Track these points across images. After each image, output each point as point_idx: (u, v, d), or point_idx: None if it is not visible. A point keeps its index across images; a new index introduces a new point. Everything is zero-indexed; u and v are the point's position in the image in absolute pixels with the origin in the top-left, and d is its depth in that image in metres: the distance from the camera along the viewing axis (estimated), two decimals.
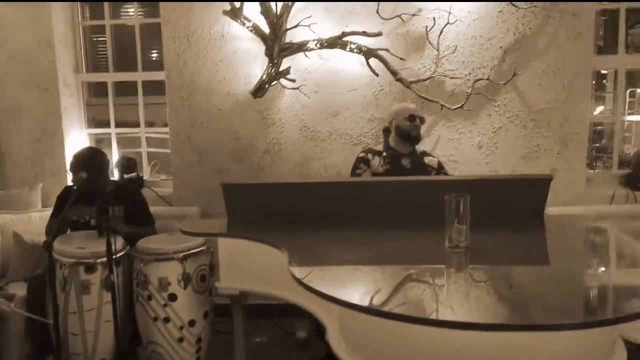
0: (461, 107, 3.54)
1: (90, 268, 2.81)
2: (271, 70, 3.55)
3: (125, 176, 3.86)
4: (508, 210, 2.43)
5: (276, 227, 2.49)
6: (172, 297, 2.84)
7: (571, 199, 3.59)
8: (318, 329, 3.47)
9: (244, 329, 2.83)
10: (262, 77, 3.57)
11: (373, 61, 3.53)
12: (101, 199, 2.62)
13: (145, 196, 3.50)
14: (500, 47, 3.56)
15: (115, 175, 3.93)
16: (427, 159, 3.21)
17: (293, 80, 3.60)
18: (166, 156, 4.10)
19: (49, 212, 3.42)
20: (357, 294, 1.75)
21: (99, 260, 2.80)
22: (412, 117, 3.14)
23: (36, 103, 3.90)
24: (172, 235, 3.17)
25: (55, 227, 2.60)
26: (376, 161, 3.17)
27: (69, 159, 3.79)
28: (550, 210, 3.39)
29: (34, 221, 3.57)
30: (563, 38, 3.53)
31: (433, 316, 1.53)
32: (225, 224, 2.64)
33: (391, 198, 2.50)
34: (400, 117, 3.17)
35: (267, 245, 2.25)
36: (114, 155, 4.13)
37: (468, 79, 3.60)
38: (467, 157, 3.68)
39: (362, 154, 3.25)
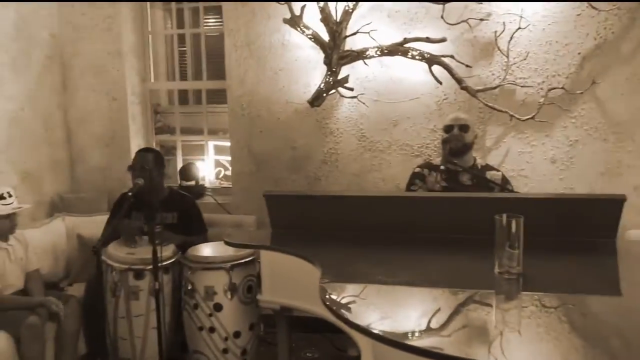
0: (532, 117, 3.27)
1: (139, 274, 2.84)
2: (329, 78, 3.46)
3: (185, 184, 3.91)
4: (574, 234, 2.18)
5: (318, 240, 2.40)
6: (218, 307, 2.81)
7: None
8: None
9: (289, 343, 2.75)
10: (320, 85, 3.49)
11: (437, 69, 3.35)
12: (151, 207, 2.64)
13: (203, 204, 3.53)
14: (579, 54, 3.27)
15: (178, 182, 4.00)
16: (489, 174, 2.99)
17: (351, 89, 3.49)
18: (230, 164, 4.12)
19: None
20: (390, 322, 1.61)
21: (147, 267, 2.82)
22: (448, 127, 2.94)
23: (106, 111, 4.04)
24: (221, 244, 3.15)
25: (106, 233, 2.63)
26: (432, 177, 2.99)
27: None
28: (633, 234, 3.06)
29: (98, 224, 3.68)
30: None
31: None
32: (269, 236, 2.57)
33: (441, 216, 2.33)
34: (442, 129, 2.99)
35: (303, 260, 2.15)
36: (179, 162, 4.20)
37: (541, 88, 3.33)
38: (539, 172, 3.39)
39: (417, 169, 3.08)
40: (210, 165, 4.24)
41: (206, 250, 2.99)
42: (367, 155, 3.65)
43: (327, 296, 1.72)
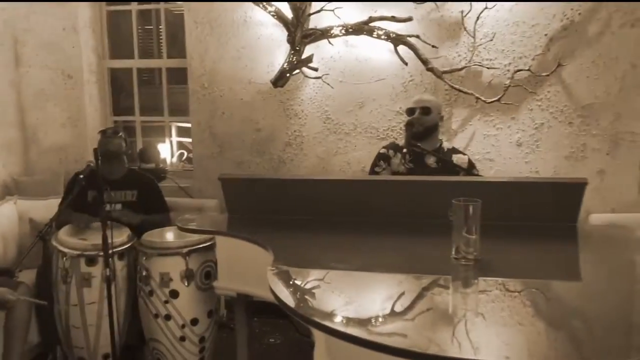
0: (498, 100, 3.22)
1: (91, 260, 2.73)
2: (293, 58, 3.35)
3: (144, 166, 3.78)
4: (535, 218, 2.14)
5: (275, 225, 2.31)
6: (174, 294, 2.71)
7: (621, 206, 3.20)
8: None
9: (248, 330, 2.67)
10: (283, 65, 3.38)
11: (402, 49, 3.27)
12: (101, 189, 2.52)
13: (164, 187, 3.41)
14: (545, 35, 3.21)
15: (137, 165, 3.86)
16: (455, 157, 2.93)
17: (315, 69, 3.39)
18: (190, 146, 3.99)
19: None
20: (343, 311, 1.54)
21: (100, 253, 2.70)
22: (410, 110, 2.88)
23: (61, 89, 3.87)
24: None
25: (55, 217, 2.51)
26: (397, 159, 2.92)
27: (93, 145, 3.76)
28: (595, 217, 3.05)
29: (52, 208, 3.52)
30: (618, 24, 3.14)
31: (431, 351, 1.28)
32: (226, 221, 2.48)
33: (402, 199, 2.27)
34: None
35: (258, 246, 2.07)
36: (138, 144, 4.06)
37: (507, 70, 3.28)
38: (505, 155, 3.36)
39: (382, 150, 3.01)
40: (171, 148, 4.11)
41: (163, 235, 2.89)
42: (332, 138, 3.56)
43: (275, 283, 1.64)
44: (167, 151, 4.06)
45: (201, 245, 2.76)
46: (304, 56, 3.37)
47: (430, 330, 1.40)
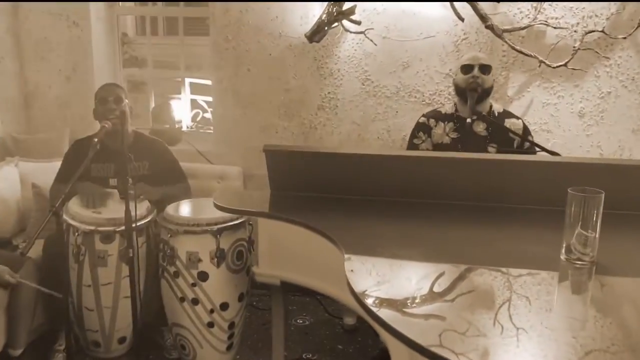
0: (565, 65, 2.86)
1: (107, 237, 2.41)
2: (332, 9, 2.95)
3: (156, 127, 3.41)
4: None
5: (326, 206, 2.00)
6: (203, 276, 2.41)
7: None
8: None
9: (285, 324, 2.38)
10: (320, 17, 2.98)
11: (459, 3, 2.87)
12: (120, 155, 2.17)
13: (179, 151, 3.06)
14: None
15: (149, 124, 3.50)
16: (508, 122, 2.61)
17: (358, 23, 2.99)
18: (211, 106, 3.61)
19: None
20: (433, 329, 1.23)
21: (117, 229, 2.38)
22: (466, 68, 2.52)
23: (66, 38, 3.45)
24: (206, 201, 2.71)
25: (66, 190, 2.15)
26: (440, 128, 2.59)
27: None
28: None
29: (54, 172, 3.17)
30: None
31: None
32: (268, 200, 2.14)
33: (469, 180, 1.94)
34: (458, 69, 2.57)
35: (318, 234, 1.75)
36: (151, 102, 3.67)
37: (575, 31, 2.90)
38: (564, 126, 3.02)
39: (422, 119, 2.68)
40: (186, 107, 3.73)
41: (187, 209, 2.56)
42: (371, 102, 3.20)
43: (355, 282, 1.33)
44: (182, 111, 3.67)
45: (233, 222, 2.45)
46: (345, 7, 2.97)
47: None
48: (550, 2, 2.89)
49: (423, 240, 1.75)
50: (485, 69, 2.53)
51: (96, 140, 2.42)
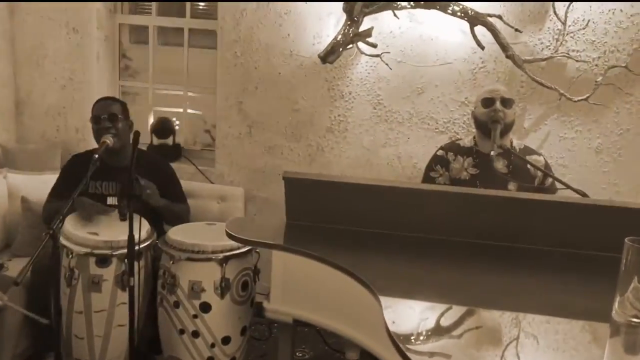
0: (586, 99, 2.79)
1: (103, 261, 2.23)
2: (349, 30, 2.84)
3: (160, 142, 3.26)
4: None
5: (346, 239, 1.87)
6: (205, 307, 2.25)
7: None
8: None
9: (291, 357, 2.22)
10: (336, 37, 2.87)
11: (479, 30, 2.79)
12: (131, 175, 2.02)
13: (178, 168, 2.91)
14: None
15: (148, 140, 3.33)
16: (530, 159, 2.50)
17: (374, 45, 2.89)
18: (212, 122, 3.46)
19: None
20: None
21: (115, 253, 2.21)
22: (487, 101, 2.41)
23: (64, 45, 3.28)
24: (211, 226, 2.56)
25: (63, 210, 1.99)
26: (458, 163, 2.48)
27: None
28: None
29: (48, 185, 2.99)
30: None
31: None
32: (282, 229, 2.00)
33: (507, 219, 1.83)
34: (478, 102, 2.46)
35: (344, 274, 1.61)
36: (150, 115, 3.51)
37: (596, 65, 2.84)
38: (581, 162, 2.93)
39: (440, 152, 2.55)
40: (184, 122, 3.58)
41: (191, 233, 2.40)
42: (382, 127, 3.08)
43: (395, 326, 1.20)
44: (182, 126, 3.52)
45: (240, 251, 2.29)
46: (361, 29, 2.86)
47: None
48: (572, 36, 2.82)
49: (457, 285, 1.62)
50: (507, 102, 2.42)
51: (96, 156, 2.27)
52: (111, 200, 2.59)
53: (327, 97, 3.10)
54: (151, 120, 3.46)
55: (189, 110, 3.52)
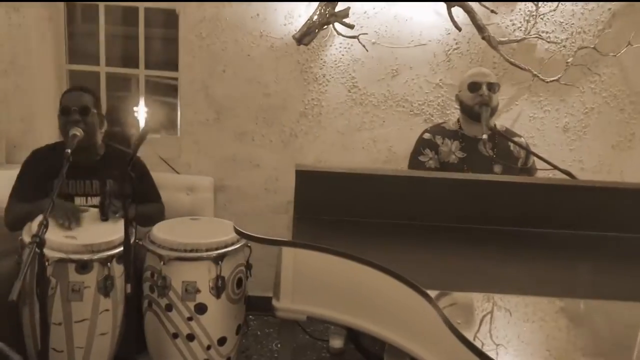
0: (558, 80, 2.86)
1: (83, 266, 2.02)
2: (325, 10, 2.74)
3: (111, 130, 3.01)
4: None
5: (364, 233, 1.81)
6: (201, 309, 2.11)
7: None
8: (355, 338, 2.85)
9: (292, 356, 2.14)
10: (311, 18, 2.76)
11: (454, 11, 2.77)
12: (128, 169, 1.84)
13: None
14: (609, 9, 2.88)
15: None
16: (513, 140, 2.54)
17: (351, 27, 2.80)
18: (170, 107, 3.25)
19: (15, 170, 2.57)
20: None
21: (96, 257, 2.02)
22: (474, 85, 2.42)
23: (3, 25, 2.94)
24: (196, 221, 2.41)
25: (47, 211, 1.77)
26: (446, 146, 2.47)
27: (43, 100, 2.93)
28: None
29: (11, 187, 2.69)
30: None
31: None
32: (288, 224, 1.90)
33: (536, 205, 1.83)
34: (464, 86, 2.47)
35: (378, 270, 1.55)
36: (103, 101, 3.23)
37: (564, 46, 2.92)
38: (549, 140, 3.03)
39: (427, 135, 2.53)
40: (141, 107, 3.33)
41: (179, 231, 2.24)
42: (357, 110, 3.02)
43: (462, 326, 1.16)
44: (140, 112, 3.28)
45: (235, 247, 2.17)
46: (337, 9, 2.76)
47: None
48: (542, 17, 2.87)
49: (494, 272, 1.61)
50: (493, 86, 2.43)
51: (69, 151, 2.05)
52: (79, 201, 2.37)
53: (300, 80, 2.98)
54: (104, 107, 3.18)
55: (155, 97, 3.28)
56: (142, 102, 3.20)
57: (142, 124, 3.23)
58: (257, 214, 3.05)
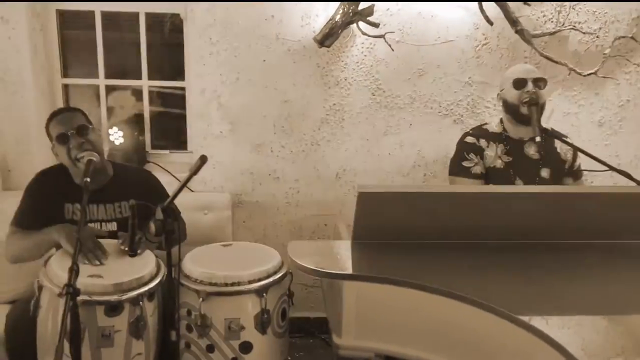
0: (595, 73, 2.71)
1: (113, 309, 1.79)
2: (348, 8, 2.53)
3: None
4: None
5: (433, 257, 1.62)
6: (246, 347, 1.91)
7: None
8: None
9: None
10: (334, 17, 2.55)
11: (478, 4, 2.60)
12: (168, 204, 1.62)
13: None
14: None
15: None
16: (559, 143, 2.38)
17: (376, 25, 2.60)
18: (177, 120, 3.01)
19: (15, 197, 2.31)
20: None
21: (127, 296, 1.79)
22: (519, 82, 2.25)
23: None
24: (228, 247, 2.20)
25: (77, 255, 1.54)
26: (492, 150, 2.30)
27: (38, 119, 2.66)
28: None
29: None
30: None
31: None
32: (349, 253, 1.70)
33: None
34: (507, 84, 2.29)
35: (459, 301, 1.37)
36: (103, 116, 2.98)
37: (597, 36, 2.76)
38: (584, 136, 2.88)
39: (470, 139, 2.35)
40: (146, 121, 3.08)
41: (212, 261, 2.02)
42: (382, 114, 2.83)
43: None
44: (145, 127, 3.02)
45: (277, 276, 1.97)
46: (361, 7, 2.56)
47: None
48: (573, 7, 2.71)
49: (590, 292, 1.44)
50: (540, 82, 2.26)
51: (88, 179, 1.82)
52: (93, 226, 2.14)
53: (320, 85, 2.77)
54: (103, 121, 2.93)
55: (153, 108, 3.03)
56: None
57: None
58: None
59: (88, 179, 1.82)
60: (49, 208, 2.09)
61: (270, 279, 1.93)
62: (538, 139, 2.14)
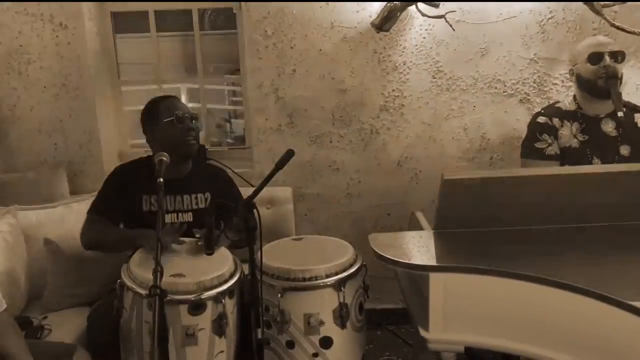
0: None
1: (197, 307, 1.78)
2: None
3: None
4: None
5: (521, 244, 1.54)
6: (326, 342, 1.86)
7: None
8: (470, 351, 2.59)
9: None
10: (391, 0, 2.47)
11: None
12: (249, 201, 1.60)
13: None
14: None
15: None
16: (638, 117, 2.25)
17: (437, 5, 2.51)
18: (234, 116, 2.99)
19: (84, 203, 2.35)
20: None
21: (206, 295, 1.77)
22: (595, 56, 2.12)
23: (50, 43, 2.70)
24: (300, 241, 2.16)
25: (159, 256, 1.53)
26: (567, 129, 2.18)
27: (101, 123, 2.70)
28: None
29: (65, 219, 2.46)
30: None
31: None
32: (432, 242, 1.63)
33: None
34: (581, 59, 2.16)
35: (557, 288, 1.29)
36: None
37: None
38: None
39: (542, 119, 2.24)
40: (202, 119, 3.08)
41: (287, 255, 1.99)
42: (444, 97, 2.74)
43: None
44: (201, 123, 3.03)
45: (355, 268, 1.92)
46: None
47: None
48: None
49: None
50: (618, 55, 2.13)
51: (161, 180, 1.81)
52: (169, 217, 2.14)
53: (378, 71, 2.70)
54: None
55: (208, 106, 3.03)
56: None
57: None
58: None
59: (161, 180, 1.81)
60: (127, 198, 2.11)
61: (347, 272, 1.88)
62: (620, 114, 2.02)
